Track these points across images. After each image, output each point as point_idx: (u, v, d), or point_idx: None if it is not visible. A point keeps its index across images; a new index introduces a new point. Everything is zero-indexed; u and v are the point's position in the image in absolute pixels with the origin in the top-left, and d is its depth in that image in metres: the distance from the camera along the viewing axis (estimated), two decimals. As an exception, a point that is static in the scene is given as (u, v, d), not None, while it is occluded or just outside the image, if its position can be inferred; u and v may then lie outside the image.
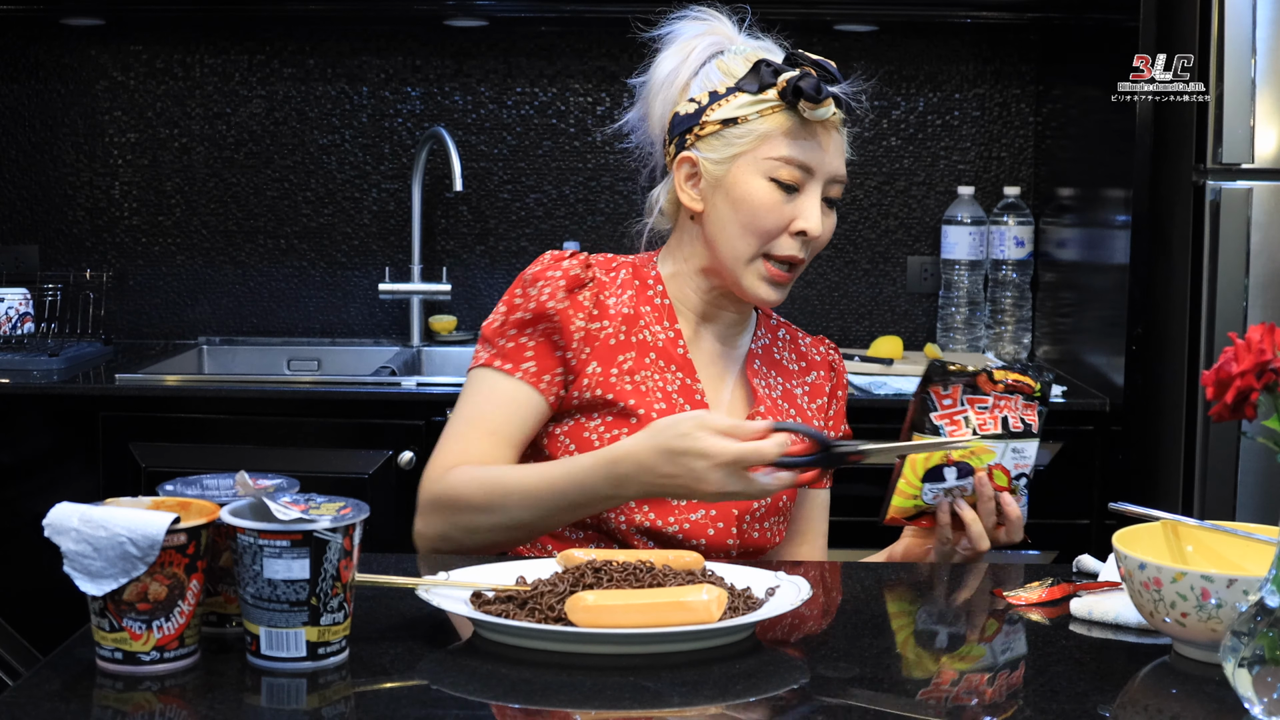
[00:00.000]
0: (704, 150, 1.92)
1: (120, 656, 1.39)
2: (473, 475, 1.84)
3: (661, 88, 1.98)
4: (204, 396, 3.14)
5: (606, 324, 1.93)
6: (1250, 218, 2.88)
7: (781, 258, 1.91)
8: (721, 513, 1.90)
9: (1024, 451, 1.86)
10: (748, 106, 1.90)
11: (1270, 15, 2.85)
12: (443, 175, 3.68)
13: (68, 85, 3.69)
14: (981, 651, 1.54)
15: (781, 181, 1.89)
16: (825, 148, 1.91)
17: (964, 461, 1.83)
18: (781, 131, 1.89)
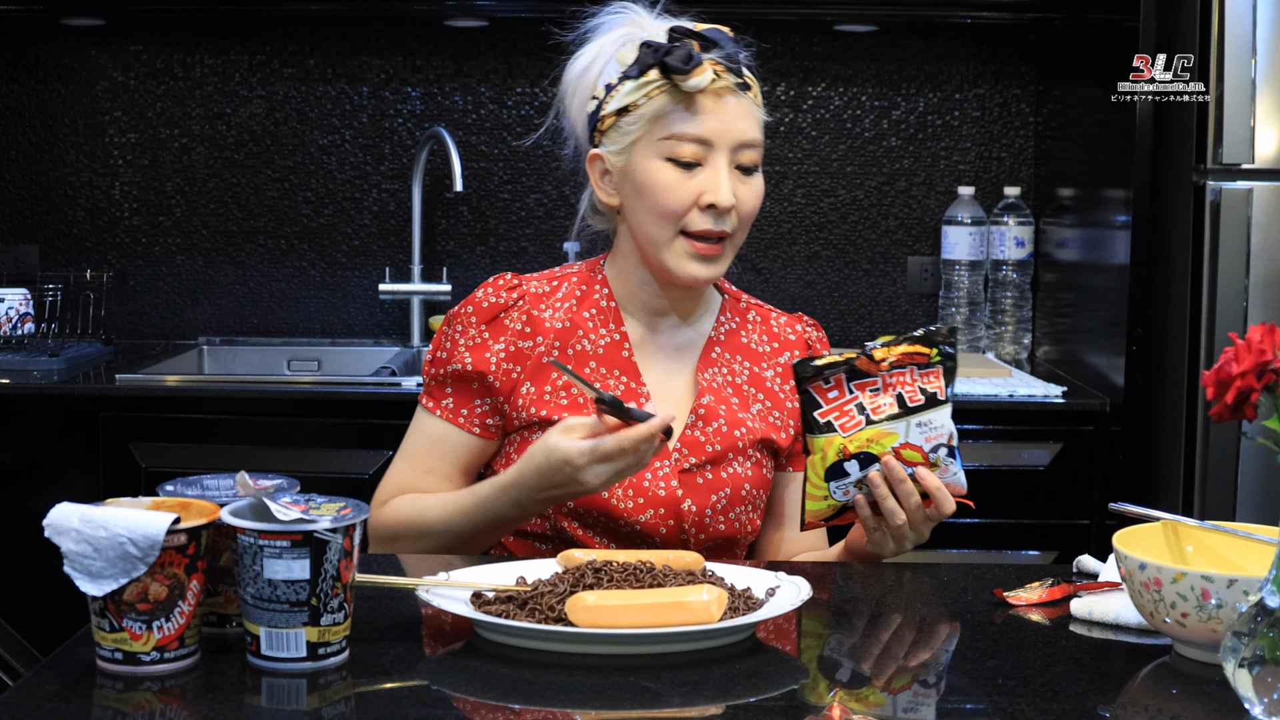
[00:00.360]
0: (607, 144, 1.93)
1: (120, 657, 1.39)
2: (400, 510, 1.94)
3: (575, 89, 1.98)
4: (204, 397, 3.14)
5: (539, 340, 1.95)
6: (1250, 218, 2.88)
7: (697, 233, 1.90)
8: (670, 510, 1.91)
9: (933, 423, 1.77)
10: (634, 92, 1.89)
11: (1270, 15, 2.85)
12: (443, 175, 3.68)
13: (68, 85, 3.69)
14: (980, 651, 1.54)
15: (679, 159, 1.88)
16: (720, 116, 1.88)
17: (863, 451, 1.77)
18: (668, 109, 1.88)
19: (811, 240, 3.75)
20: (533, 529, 1.93)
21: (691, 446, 1.94)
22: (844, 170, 3.73)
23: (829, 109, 3.71)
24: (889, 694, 1.43)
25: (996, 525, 3.13)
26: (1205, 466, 2.91)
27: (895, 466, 1.77)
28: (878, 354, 1.77)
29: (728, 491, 1.94)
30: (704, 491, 1.93)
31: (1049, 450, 3.11)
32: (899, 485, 1.78)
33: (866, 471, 1.78)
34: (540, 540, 1.93)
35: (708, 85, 1.87)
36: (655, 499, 1.90)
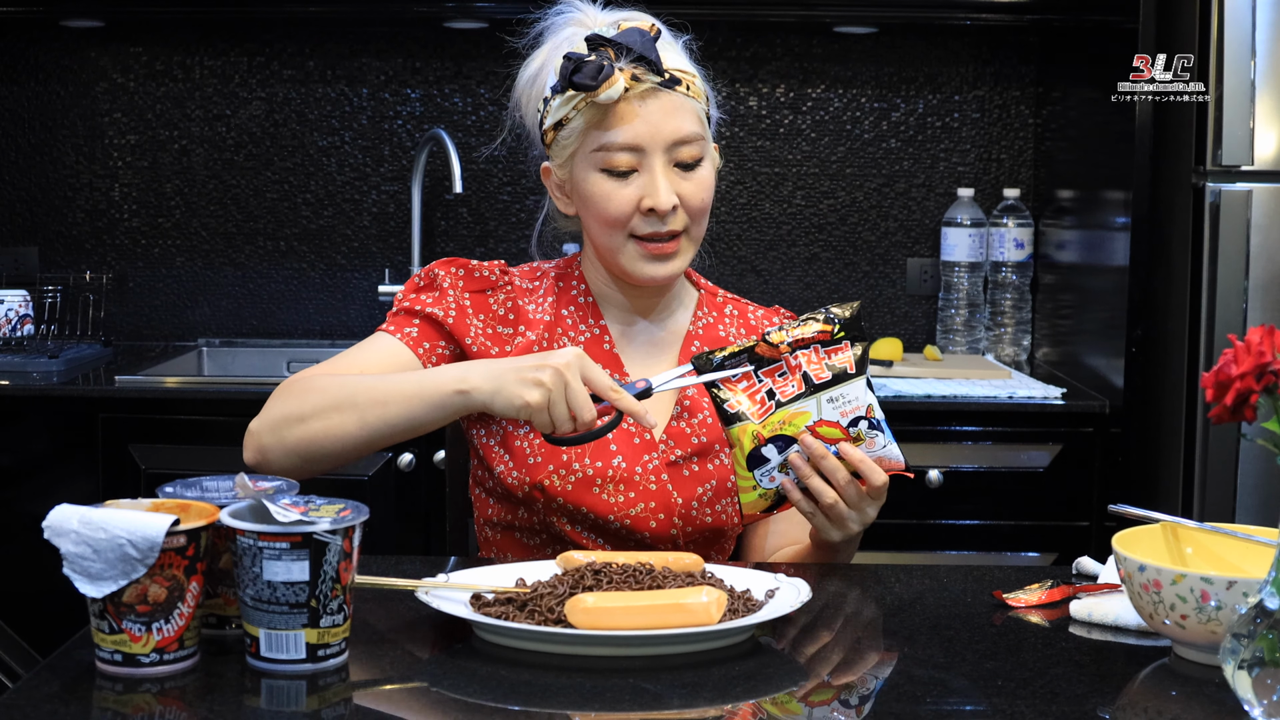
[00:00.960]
0: (552, 157, 1.94)
1: (120, 658, 1.39)
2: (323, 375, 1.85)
3: (528, 96, 1.98)
4: (204, 398, 3.14)
5: (527, 331, 1.94)
6: (1250, 219, 2.88)
7: (647, 236, 1.89)
8: (661, 504, 1.91)
9: (846, 396, 1.76)
10: (564, 106, 1.89)
11: (1270, 17, 2.85)
12: (442, 177, 3.68)
13: (67, 87, 3.69)
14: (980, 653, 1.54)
15: (614, 169, 1.87)
16: (647, 119, 1.86)
17: (778, 435, 1.76)
18: (594, 122, 1.87)
19: (811, 242, 3.75)
20: (520, 522, 1.92)
21: (678, 439, 1.95)
22: (843, 172, 3.73)
23: (828, 110, 3.71)
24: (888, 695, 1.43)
25: (996, 527, 3.13)
26: (1205, 468, 2.91)
27: (812, 443, 1.76)
28: (774, 337, 1.77)
29: (713, 483, 1.94)
30: (690, 484, 1.93)
31: (1048, 452, 3.11)
32: (821, 462, 1.76)
33: (786, 454, 1.77)
34: (528, 534, 1.92)
35: (620, 96, 1.85)
36: (646, 492, 1.90)
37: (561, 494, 1.88)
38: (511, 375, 1.70)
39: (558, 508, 1.89)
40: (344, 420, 1.78)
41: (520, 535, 1.93)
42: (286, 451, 1.80)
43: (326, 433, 1.78)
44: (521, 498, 1.90)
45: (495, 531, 1.96)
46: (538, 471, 1.88)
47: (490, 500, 1.96)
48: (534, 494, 1.88)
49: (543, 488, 1.88)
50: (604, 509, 1.89)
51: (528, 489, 1.88)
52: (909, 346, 3.67)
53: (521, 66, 1.99)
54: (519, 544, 1.94)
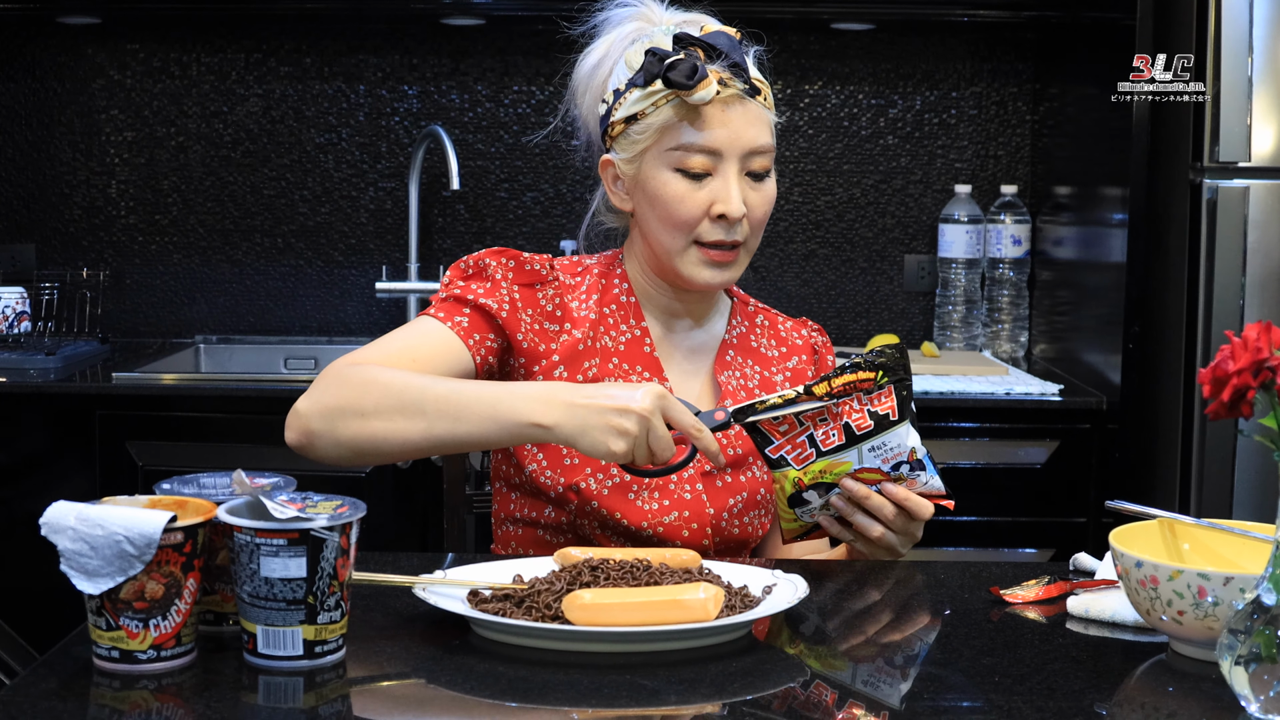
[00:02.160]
0: (618, 151, 1.91)
1: (117, 655, 1.39)
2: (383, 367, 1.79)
3: (587, 86, 1.95)
4: (201, 395, 3.14)
5: (572, 328, 1.92)
6: (1247, 216, 2.88)
7: (710, 243, 1.88)
8: (695, 513, 1.90)
9: (888, 444, 1.75)
10: (642, 101, 1.87)
11: (1267, 14, 2.85)
12: (440, 174, 3.68)
13: (64, 84, 3.69)
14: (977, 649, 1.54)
15: (689, 170, 1.86)
16: (728, 125, 1.85)
17: (819, 483, 1.76)
18: (677, 120, 1.85)
19: (808, 239, 3.75)
20: (546, 521, 1.90)
21: None
22: (841, 169, 3.73)
23: (826, 107, 3.71)
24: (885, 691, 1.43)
25: (993, 523, 3.13)
26: (1202, 464, 2.91)
27: (855, 487, 1.76)
28: (818, 389, 1.74)
29: (744, 495, 1.94)
30: (723, 494, 1.92)
31: (1046, 448, 3.12)
32: (865, 502, 1.77)
33: (827, 497, 1.78)
34: (552, 532, 1.90)
35: (713, 98, 1.84)
36: (680, 501, 1.89)
37: (597, 498, 1.86)
38: (596, 420, 1.66)
39: (591, 511, 1.87)
40: (409, 426, 1.72)
41: (544, 533, 1.91)
42: (337, 442, 1.74)
43: (388, 434, 1.73)
44: (554, 497, 1.88)
45: (516, 527, 1.94)
46: (574, 473, 1.86)
47: (514, 496, 1.93)
48: (568, 495, 1.87)
49: (578, 489, 1.86)
50: (638, 516, 1.87)
51: (562, 489, 1.87)
52: (906, 343, 3.66)
53: (580, 57, 1.96)
54: (541, 541, 1.91)
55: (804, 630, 1.60)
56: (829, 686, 1.44)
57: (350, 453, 1.75)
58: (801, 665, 1.49)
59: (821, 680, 1.45)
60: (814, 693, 1.42)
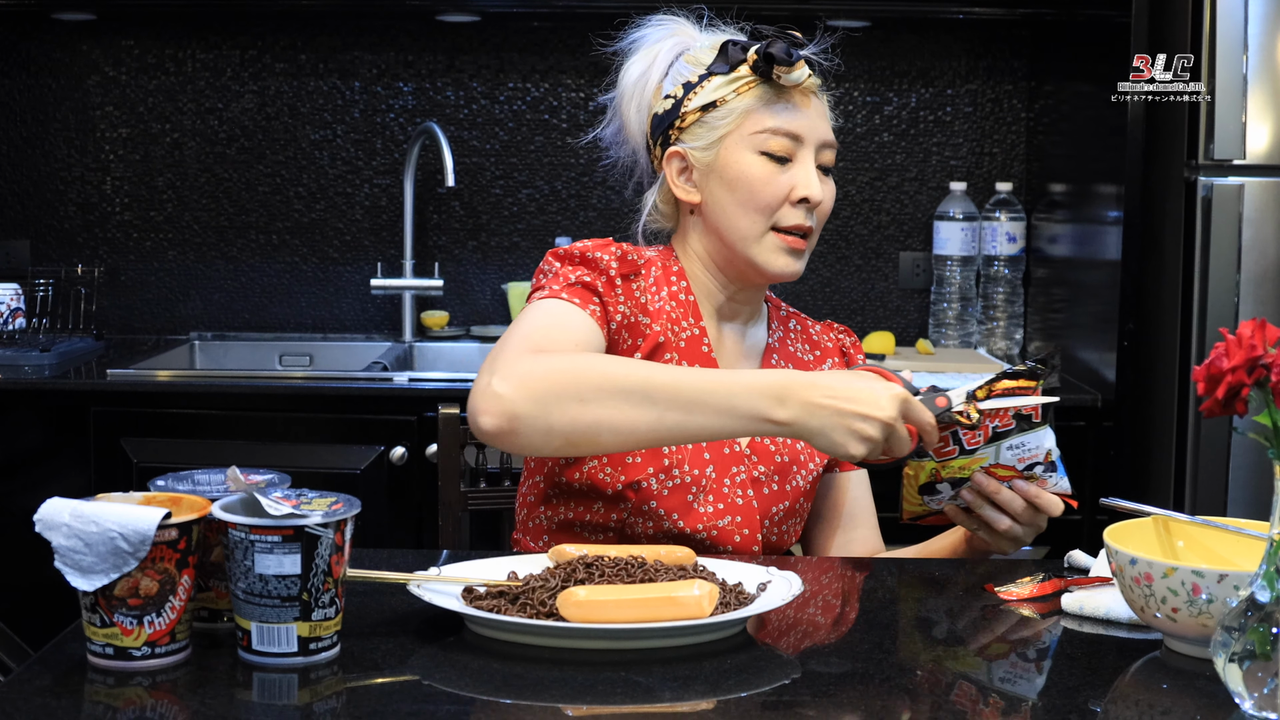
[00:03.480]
0: (689, 141, 1.92)
1: (111, 652, 1.39)
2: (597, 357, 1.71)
3: (634, 95, 1.97)
4: (196, 392, 3.14)
5: (652, 324, 1.90)
6: (1242, 214, 2.89)
7: (788, 228, 1.90)
8: (746, 518, 1.90)
9: (1027, 444, 1.79)
10: (723, 87, 1.90)
11: (1262, 11, 2.86)
12: (435, 170, 3.68)
13: (59, 80, 3.69)
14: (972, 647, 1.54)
15: (772, 153, 1.89)
16: (809, 114, 1.91)
17: (954, 477, 1.79)
18: (761, 104, 1.89)
19: (803, 235, 3.75)
20: (593, 519, 1.88)
21: (761, 454, 1.93)
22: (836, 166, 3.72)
23: (821, 104, 3.71)
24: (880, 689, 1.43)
25: (988, 520, 3.13)
26: (1196, 461, 2.91)
27: (986, 482, 1.78)
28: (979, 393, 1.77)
29: (787, 504, 1.95)
30: (768, 501, 1.93)
31: (1040, 445, 3.11)
32: (995, 496, 1.79)
33: (958, 490, 1.80)
34: (593, 531, 1.88)
35: (805, 80, 1.89)
36: (733, 505, 1.89)
37: (656, 498, 1.86)
38: (838, 423, 1.63)
39: (648, 511, 1.86)
40: (636, 415, 1.64)
41: (584, 532, 1.89)
42: (548, 429, 1.63)
43: (612, 422, 1.64)
44: (609, 495, 1.86)
45: (550, 525, 1.91)
46: (636, 471, 1.85)
47: (553, 495, 1.90)
48: (626, 493, 1.86)
49: (638, 487, 1.85)
50: (694, 519, 1.87)
51: (620, 487, 1.86)
52: (901, 340, 3.67)
53: (621, 72, 1.98)
54: (578, 537, 1.89)
55: (799, 627, 1.60)
56: (823, 683, 1.44)
57: (562, 441, 1.65)
58: (795, 663, 1.49)
59: (815, 677, 1.45)
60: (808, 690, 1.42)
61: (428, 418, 3.05)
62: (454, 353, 3.63)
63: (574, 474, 1.88)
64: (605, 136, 2.03)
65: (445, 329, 3.69)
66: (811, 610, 1.67)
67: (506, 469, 2.27)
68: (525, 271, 3.73)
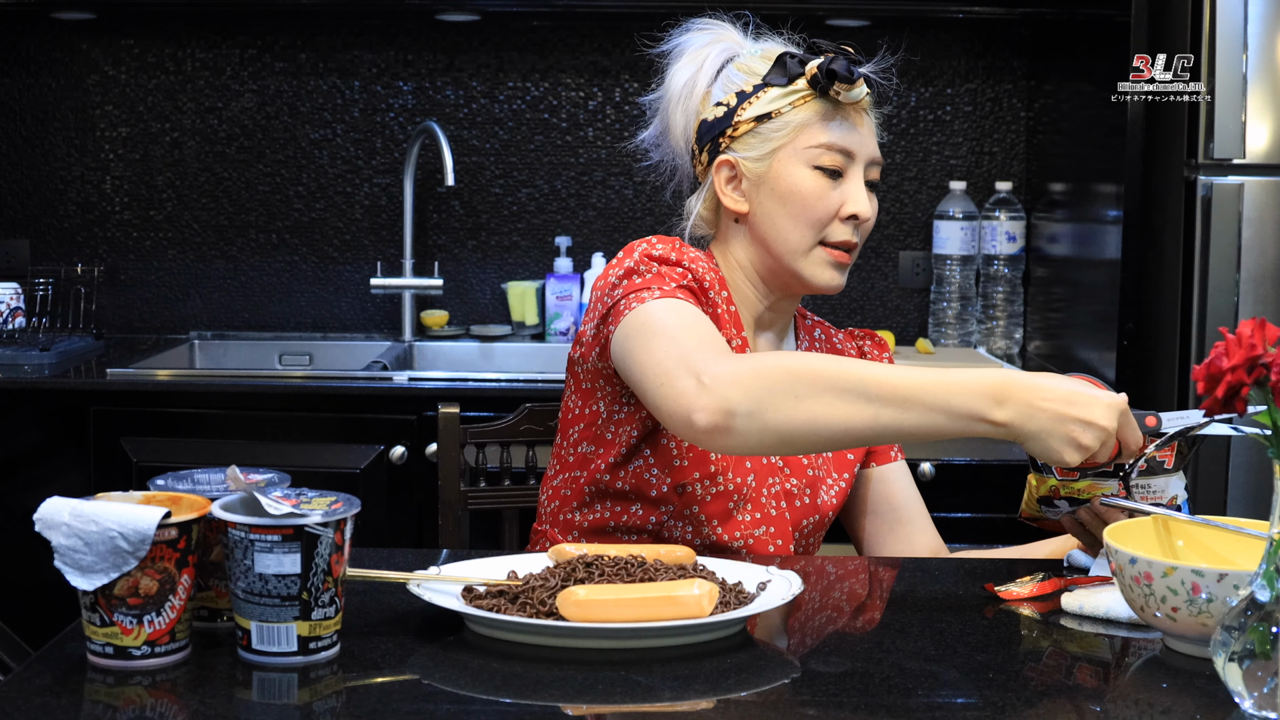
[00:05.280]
0: (741, 150, 1.91)
1: (111, 651, 1.39)
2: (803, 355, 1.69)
3: (680, 99, 1.96)
4: (195, 391, 3.14)
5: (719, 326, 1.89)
6: (1242, 213, 2.89)
7: (836, 243, 1.91)
8: (780, 529, 1.90)
9: (1153, 486, 1.72)
10: (780, 99, 1.90)
11: (1262, 11, 2.86)
12: (434, 170, 3.68)
13: (58, 79, 3.69)
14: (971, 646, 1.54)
15: (825, 168, 1.90)
16: (861, 130, 1.93)
17: (1074, 497, 1.73)
18: (818, 119, 1.90)
19: (803, 235, 3.75)
20: (630, 521, 1.87)
21: (793, 467, 1.93)
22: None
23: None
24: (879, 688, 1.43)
25: (987, 519, 3.13)
26: (1196, 461, 2.91)
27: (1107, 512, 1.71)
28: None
29: (817, 517, 1.95)
30: (800, 514, 1.93)
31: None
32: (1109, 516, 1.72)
33: (1076, 510, 1.73)
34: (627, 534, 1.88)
35: (862, 98, 1.91)
36: (768, 516, 1.90)
37: (699, 503, 1.86)
38: (1057, 428, 1.58)
39: (690, 515, 1.86)
40: (853, 411, 1.61)
41: (619, 534, 1.88)
42: (764, 426, 1.61)
43: (829, 418, 1.61)
44: (653, 496, 1.86)
45: (584, 524, 1.90)
46: (683, 475, 1.86)
47: (593, 495, 1.89)
48: (670, 496, 1.86)
49: (683, 491, 1.85)
50: (732, 526, 1.87)
51: (666, 489, 1.86)
52: (901, 339, 3.67)
53: (666, 77, 1.98)
54: (612, 539, 1.89)
55: (798, 627, 1.60)
56: (823, 683, 1.44)
57: (777, 439, 1.63)
58: (795, 662, 1.49)
59: (815, 676, 1.45)
60: (808, 690, 1.42)
61: (427, 417, 3.05)
62: (454, 352, 3.63)
63: (619, 473, 1.87)
64: (647, 139, 2.02)
65: (445, 328, 3.69)
66: (811, 610, 1.67)
67: (507, 468, 2.27)
68: (525, 271, 3.73)
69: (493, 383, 3.11)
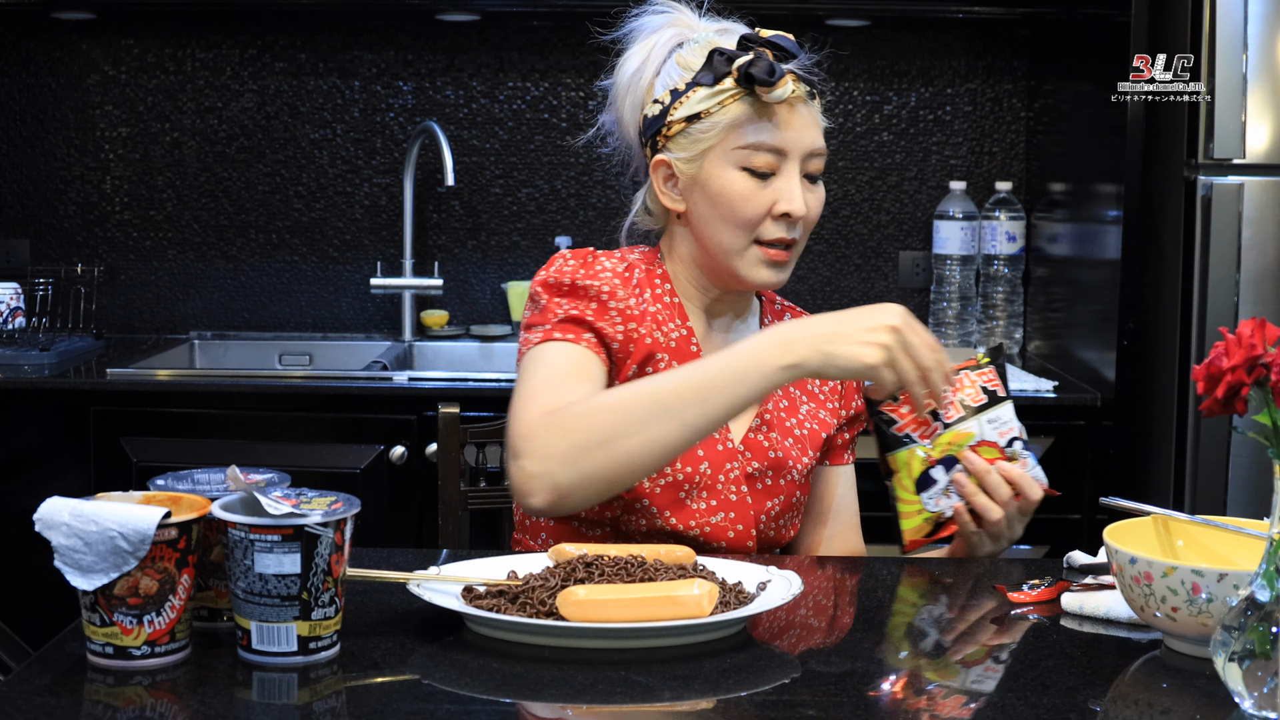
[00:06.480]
0: (675, 150, 1.90)
1: (111, 651, 1.39)
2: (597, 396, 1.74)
3: (628, 90, 1.95)
4: (195, 391, 3.14)
5: (638, 326, 1.90)
6: (1241, 213, 2.89)
7: (771, 241, 1.88)
8: (740, 514, 1.90)
9: (1000, 418, 1.84)
10: (708, 99, 1.87)
11: (1262, 10, 2.86)
12: (434, 170, 3.68)
13: (59, 79, 3.69)
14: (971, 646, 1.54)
15: (755, 169, 1.86)
16: (793, 126, 1.87)
17: (946, 456, 1.82)
18: (745, 119, 1.86)
19: (803, 235, 3.75)
20: (588, 514, 1.88)
21: (755, 450, 1.92)
22: (835, 165, 3.73)
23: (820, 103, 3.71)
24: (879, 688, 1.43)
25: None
26: (1196, 461, 2.91)
27: (977, 461, 1.82)
28: None
29: (782, 499, 1.94)
30: (763, 496, 1.92)
31: (1040, 444, 3.12)
32: (985, 478, 1.82)
33: (951, 474, 1.82)
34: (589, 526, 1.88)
35: (788, 96, 1.86)
36: (726, 502, 1.89)
37: (649, 495, 1.85)
38: (841, 340, 1.68)
39: (641, 509, 1.86)
40: (659, 429, 1.68)
41: (581, 527, 1.89)
42: (588, 479, 1.68)
43: (643, 448, 1.68)
44: None
45: (547, 521, 1.91)
46: None
47: None
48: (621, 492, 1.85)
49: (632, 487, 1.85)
50: (687, 515, 1.87)
51: None
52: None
53: (618, 64, 1.96)
54: (576, 534, 1.90)
55: (798, 627, 1.60)
56: (823, 683, 1.44)
57: (606, 485, 1.70)
58: (795, 662, 1.49)
59: (815, 677, 1.45)
60: (808, 690, 1.42)
61: (427, 417, 3.05)
62: (454, 352, 3.63)
63: None
64: (605, 124, 2.01)
65: (445, 328, 3.69)
66: (811, 610, 1.67)
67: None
68: (525, 271, 3.73)
69: (493, 383, 3.10)
